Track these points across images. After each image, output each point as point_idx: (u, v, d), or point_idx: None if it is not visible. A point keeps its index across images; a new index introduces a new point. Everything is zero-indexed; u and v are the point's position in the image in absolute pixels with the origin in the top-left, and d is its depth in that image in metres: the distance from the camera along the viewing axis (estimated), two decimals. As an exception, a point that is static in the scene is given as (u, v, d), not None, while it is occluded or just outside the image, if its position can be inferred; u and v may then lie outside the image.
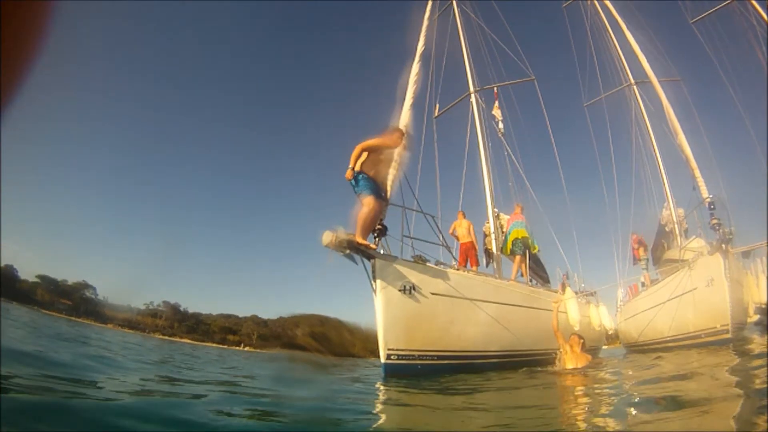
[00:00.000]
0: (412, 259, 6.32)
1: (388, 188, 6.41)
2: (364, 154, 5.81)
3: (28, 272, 61.74)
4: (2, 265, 57.95)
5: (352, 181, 5.71)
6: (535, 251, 10.08)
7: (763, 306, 10.18)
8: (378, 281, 5.71)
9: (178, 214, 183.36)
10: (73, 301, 60.25)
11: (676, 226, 12.14)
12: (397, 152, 6.18)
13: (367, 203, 5.52)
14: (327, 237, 5.28)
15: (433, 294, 6.27)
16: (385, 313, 5.71)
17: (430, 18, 10.38)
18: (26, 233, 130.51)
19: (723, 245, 8.42)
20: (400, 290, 5.86)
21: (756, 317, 11.67)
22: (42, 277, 61.42)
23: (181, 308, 69.46)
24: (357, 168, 5.75)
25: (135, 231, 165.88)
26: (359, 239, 5.46)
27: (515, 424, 2.43)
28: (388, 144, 6.01)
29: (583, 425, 2.32)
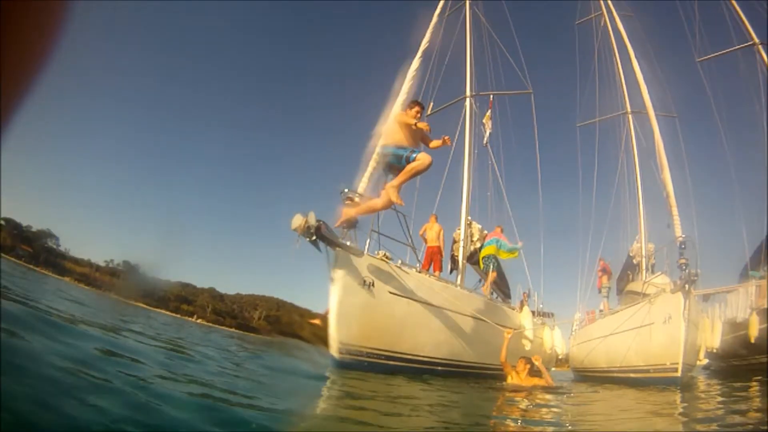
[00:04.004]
0: (376, 255, 6.24)
1: None
2: (393, 123, 5.69)
3: (-7, 215, 59.00)
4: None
5: (397, 151, 5.43)
6: (507, 258, 10.08)
7: (715, 351, 10.43)
8: (338, 271, 5.61)
9: (151, 175, 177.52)
10: (34, 248, 58.26)
11: (643, 259, 12.29)
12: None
13: (424, 157, 5.26)
14: (296, 221, 5.22)
15: (391, 293, 6.20)
16: (341, 305, 5.61)
17: (439, 16, 10.33)
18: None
19: (686, 285, 8.49)
20: (359, 284, 5.77)
21: (705, 361, 11.98)
22: (7, 220, 59.09)
23: (140, 270, 67.58)
24: (390, 141, 5.60)
25: (107, 185, 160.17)
26: (395, 192, 5.31)
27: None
28: (415, 117, 5.75)
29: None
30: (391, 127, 5.69)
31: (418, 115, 5.77)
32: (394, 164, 5.46)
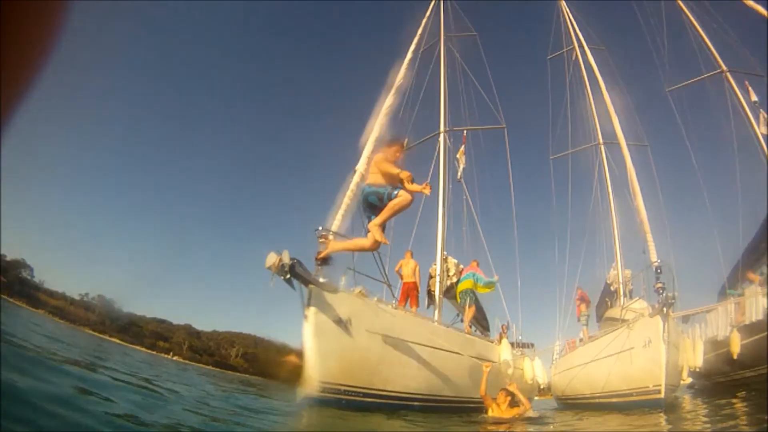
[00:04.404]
0: (352, 292, 6.23)
1: None
2: (374, 167, 5.58)
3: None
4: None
5: (378, 190, 5.31)
6: (484, 292, 10.12)
7: (698, 370, 10.54)
8: (312, 309, 5.56)
9: (128, 208, 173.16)
10: (7, 278, 56.25)
11: (621, 286, 12.42)
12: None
13: (405, 193, 5.13)
14: (270, 259, 5.22)
15: (368, 330, 6.14)
16: (316, 343, 5.54)
17: (414, 52, 10.56)
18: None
19: (664, 309, 8.60)
20: (334, 321, 5.71)
21: (689, 380, 12.08)
22: (-20, 248, 57.10)
23: (116, 305, 65.03)
24: (370, 181, 5.50)
25: (85, 216, 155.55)
26: (379, 231, 5.16)
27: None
28: (395, 157, 5.68)
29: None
30: (371, 168, 5.66)
31: (398, 154, 5.75)
32: (374, 204, 5.40)
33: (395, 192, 5.18)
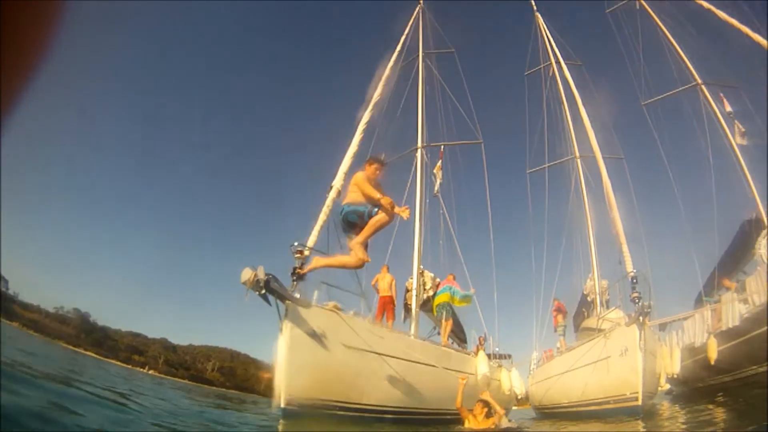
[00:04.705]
0: (325, 306, 6.22)
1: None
2: (354, 186, 5.63)
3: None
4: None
5: (358, 208, 5.36)
6: (461, 305, 10.19)
7: (676, 376, 10.71)
8: (288, 324, 5.56)
9: (103, 218, 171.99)
10: (-19, 291, 54.61)
11: (597, 296, 12.56)
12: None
13: (383, 216, 5.22)
14: (246, 274, 5.21)
15: (343, 344, 6.13)
16: (290, 357, 5.52)
17: (392, 68, 10.63)
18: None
19: (640, 317, 8.72)
20: (309, 335, 5.71)
21: (667, 387, 12.23)
22: (-45, 261, 55.22)
23: (91, 319, 64.23)
24: (349, 199, 5.54)
25: (56, 228, 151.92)
26: (361, 249, 5.23)
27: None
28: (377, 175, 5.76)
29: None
30: (350, 187, 5.70)
31: (378, 173, 5.80)
32: (355, 222, 5.45)
33: (375, 210, 5.25)
